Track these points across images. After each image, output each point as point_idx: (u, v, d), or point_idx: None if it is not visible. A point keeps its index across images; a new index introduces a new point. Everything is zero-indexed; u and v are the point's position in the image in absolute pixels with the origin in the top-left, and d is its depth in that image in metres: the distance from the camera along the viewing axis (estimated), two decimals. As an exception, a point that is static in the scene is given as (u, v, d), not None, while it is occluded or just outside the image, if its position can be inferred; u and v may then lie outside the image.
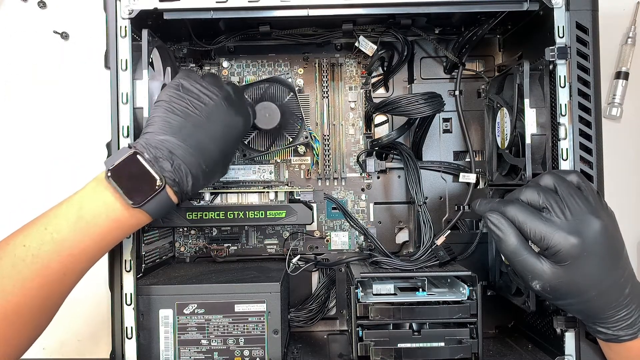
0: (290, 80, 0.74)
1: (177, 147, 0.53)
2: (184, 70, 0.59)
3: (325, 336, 0.76)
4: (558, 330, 0.60)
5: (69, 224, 0.51)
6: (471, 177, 0.74)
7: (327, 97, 0.79)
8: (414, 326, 0.62)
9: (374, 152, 0.77)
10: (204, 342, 0.62)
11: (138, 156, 0.52)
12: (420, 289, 0.63)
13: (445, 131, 0.79)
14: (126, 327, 0.60)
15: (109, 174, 0.52)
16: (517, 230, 0.52)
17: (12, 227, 0.53)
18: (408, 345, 0.60)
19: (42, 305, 0.52)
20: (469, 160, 0.76)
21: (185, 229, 0.79)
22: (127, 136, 0.60)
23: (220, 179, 0.78)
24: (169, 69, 0.71)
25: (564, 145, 0.60)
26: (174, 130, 0.54)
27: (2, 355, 0.51)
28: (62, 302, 0.54)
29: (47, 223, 0.52)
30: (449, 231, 0.70)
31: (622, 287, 0.51)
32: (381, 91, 0.80)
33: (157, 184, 0.52)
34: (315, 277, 0.79)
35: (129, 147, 0.53)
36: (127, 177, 0.52)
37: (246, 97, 0.63)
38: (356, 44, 0.72)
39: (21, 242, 0.51)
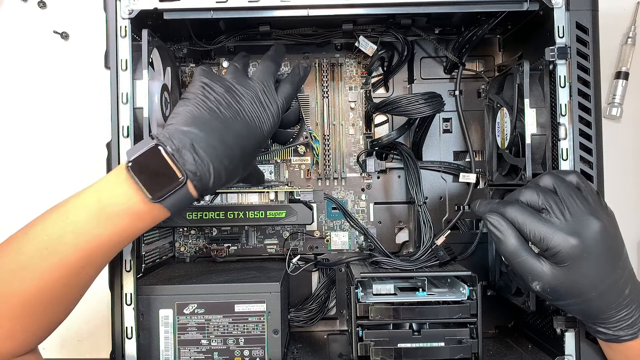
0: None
1: (201, 139, 0.52)
2: (204, 69, 0.58)
3: (325, 336, 0.76)
4: (558, 330, 0.60)
5: (88, 216, 0.50)
6: (471, 177, 0.74)
7: (327, 97, 0.79)
8: (414, 326, 0.62)
9: (374, 152, 0.77)
10: (204, 342, 0.62)
11: (160, 148, 0.51)
12: (420, 289, 0.63)
13: (445, 131, 0.79)
14: (126, 327, 0.60)
15: (130, 165, 0.51)
16: (517, 232, 0.52)
17: (12, 228, 0.53)
18: (408, 345, 0.60)
19: (61, 297, 0.52)
20: (469, 160, 0.76)
21: (185, 229, 0.79)
22: (127, 136, 0.60)
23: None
24: (169, 69, 0.71)
25: (564, 145, 0.60)
26: (197, 123, 0.53)
27: (22, 344, 0.51)
28: (81, 295, 0.54)
29: (67, 213, 0.51)
30: (449, 231, 0.70)
31: (622, 287, 0.51)
32: (381, 91, 0.80)
33: (179, 179, 0.51)
34: (315, 277, 0.79)
35: (152, 137, 0.52)
36: (148, 170, 0.51)
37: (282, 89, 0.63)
38: (356, 44, 0.72)
39: (41, 232, 0.50)
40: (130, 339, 0.60)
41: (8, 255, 0.50)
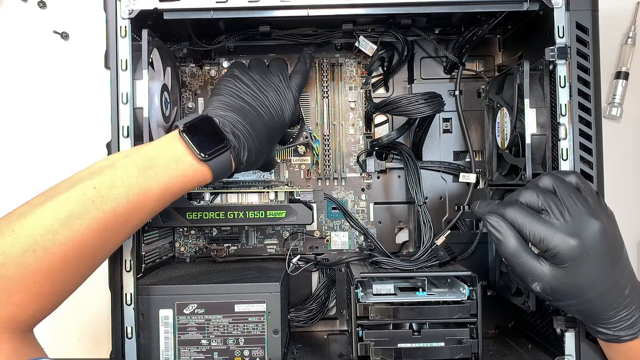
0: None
1: (237, 122, 0.58)
2: (236, 63, 0.68)
3: (325, 336, 0.76)
4: (558, 330, 0.60)
5: (138, 169, 0.53)
6: (471, 177, 0.74)
7: (327, 97, 0.79)
8: (414, 326, 0.62)
9: (374, 152, 0.77)
10: (204, 342, 0.62)
11: (211, 116, 0.58)
12: (420, 289, 0.63)
13: (445, 131, 0.79)
14: (126, 327, 0.60)
15: (183, 129, 0.55)
16: (517, 233, 0.52)
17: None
18: (408, 345, 0.60)
19: (100, 249, 0.52)
20: (469, 160, 0.76)
21: (185, 229, 0.79)
22: (127, 136, 0.60)
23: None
24: (169, 69, 0.71)
25: (564, 145, 0.60)
26: (233, 109, 0.60)
27: (54, 294, 0.50)
28: (113, 250, 0.55)
29: (116, 169, 0.52)
30: (449, 231, 0.70)
31: (622, 287, 0.51)
32: (381, 91, 0.80)
33: (225, 142, 0.56)
34: (315, 277, 0.79)
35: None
36: (199, 133, 0.56)
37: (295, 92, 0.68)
38: (356, 44, 0.72)
39: (90, 184, 0.51)
40: (130, 339, 0.60)
41: (55, 204, 0.50)
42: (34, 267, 0.47)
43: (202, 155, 0.55)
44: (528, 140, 0.62)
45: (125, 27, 0.61)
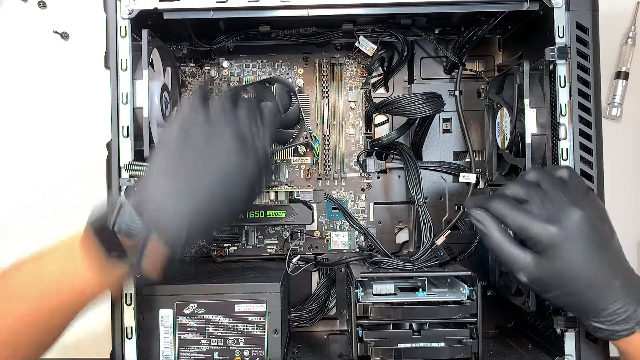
0: (290, 80, 0.74)
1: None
2: (187, 100, 0.56)
3: (325, 336, 0.76)
4: (558, 330, 0.60)
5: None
6: (471, 177, 0.74)
7: (327, 97, 0.79)
8: (414, 326, 0.62)
9: (374, 152, 0.77)
10: (204, 342, 0.62)
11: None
12: (420, 289, 0.63)
13: (445, 131, 0.79)
14: (126, 327, 0.60)
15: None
16: (500, 224, 0.52)
17: (12, 228, 0.53)
18: (408, 345, 0.60)
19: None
20: (469, 160, 0.76)
21: (185, 229, 0.79)
22: (127, 136, 0.60)
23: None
24: (169, 69, 0.71)
25: (564, 145, 0.60)
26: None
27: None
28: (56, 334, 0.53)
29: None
30: (449, 231, 0.70)
31: (610, 278, 0.50)
32: (381, 91, 0.80)
33: None
34: (315, 277, 0.79)
35: None
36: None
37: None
38: (356, 44, 0.72)
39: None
40: (130, 339, 0.60)
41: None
42: None
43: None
44: (528, 140, 0.62)
45: (125, 27, 0.60)
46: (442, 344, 0.60)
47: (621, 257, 0.52)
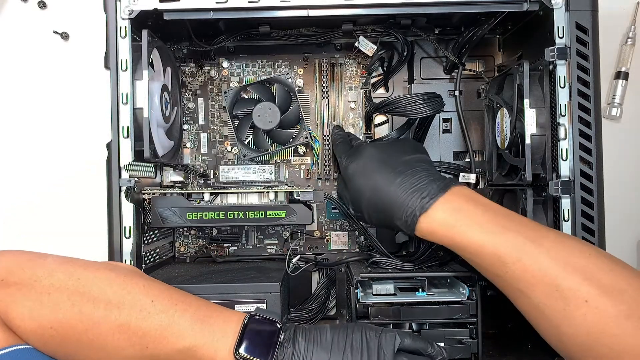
0: (290, 80, 0.75)
1: None
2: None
3: (325, 336, 0.76)
4: (558, 331, 0.60)
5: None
6: (471, 177, 0.74)
7: (327, 97, 0.79)
8: (414, 326, 0.62)
9: (374, 152, 0.77)
10: (204, 342, 0.62)
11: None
12: (420, 289, 0.63)
13: (445, 131, 0.79)
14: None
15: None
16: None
17: (12, 228, 0.53)
18: (408, 345, 0.60)
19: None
20: (469, 160, 0.76)
21: (185, 229, 0.79)
22: (127, 136, 0.60)
23: (220, 179, 0.79)
24: (169, 69, 0.71)
25: (564, 145, 0.60)
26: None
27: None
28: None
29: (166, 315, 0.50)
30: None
31: (391, 179, 0.58)
32: (381, 91, 0.80)
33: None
34: (315, 277, 0.79)
35: None
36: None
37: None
38: (356, 44, 0.72)
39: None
40: (130, 339, 0.60)
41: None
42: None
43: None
44: (528, 141, 0.62)
45: (125, 27, 0.61)
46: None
47: (390, 172, 0.59)
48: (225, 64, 0.79)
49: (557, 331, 0.50)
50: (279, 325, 0.52)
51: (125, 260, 0.61)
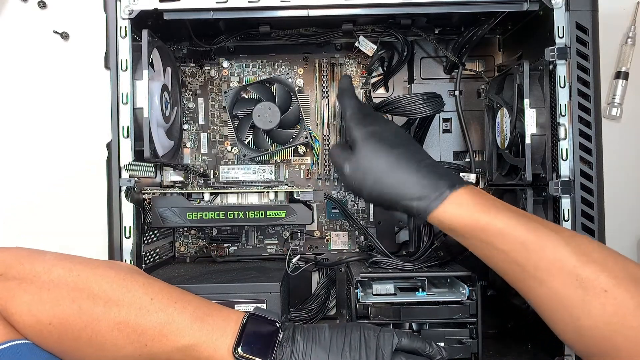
0: (290, 80, 0.74)
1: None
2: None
3: (325, 336, 0.76)
4: (558, 330, 0.60)
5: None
6: (471, 177, 0.74)
7: (327, 97, 0.79)
8: (414, 326, 0.62)
9: (374, 152, 0.77)
10: (204, 342, 0.62)
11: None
12: (420, 289, 0.63)
13: (445, 131, 0.79)
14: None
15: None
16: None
17: (12, 228, 0.53)
18: (408, 345, 0.60)
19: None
20: (469, 160, 0.76)
21: (185, 229, 0.79)
22: (127, 136, 0.60)
23: (220, 179, 0.79)
24: (169, 69, 0.71)
25: (564, 145, 0.60)
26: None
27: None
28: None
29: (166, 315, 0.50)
30: (449, 231, 0.70)
31: (413, 165, 0.56)
32: (381, 91, 0.80)
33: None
34: (315, 277, 0.79)
35: None
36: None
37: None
38: (356, 44, 0.72)
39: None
40: (130, 339, 0.60)
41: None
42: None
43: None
44: (528, 141, 0.62)
45: (125, 27, 0.61)
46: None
47: (414, 152, 0.58)
48: (225, 64, 0.79)
49: (575, 323, 0.49)
50: (278, 325, 0.52)
51: (126, 260, 0.61)
